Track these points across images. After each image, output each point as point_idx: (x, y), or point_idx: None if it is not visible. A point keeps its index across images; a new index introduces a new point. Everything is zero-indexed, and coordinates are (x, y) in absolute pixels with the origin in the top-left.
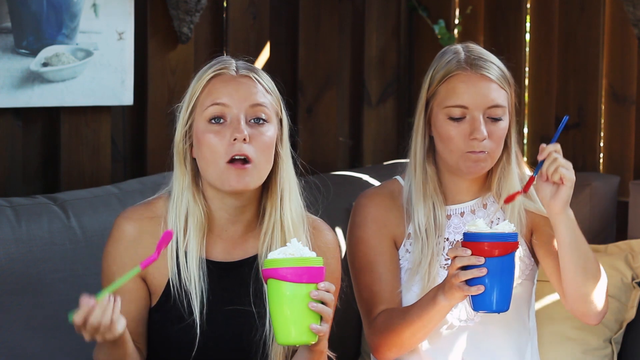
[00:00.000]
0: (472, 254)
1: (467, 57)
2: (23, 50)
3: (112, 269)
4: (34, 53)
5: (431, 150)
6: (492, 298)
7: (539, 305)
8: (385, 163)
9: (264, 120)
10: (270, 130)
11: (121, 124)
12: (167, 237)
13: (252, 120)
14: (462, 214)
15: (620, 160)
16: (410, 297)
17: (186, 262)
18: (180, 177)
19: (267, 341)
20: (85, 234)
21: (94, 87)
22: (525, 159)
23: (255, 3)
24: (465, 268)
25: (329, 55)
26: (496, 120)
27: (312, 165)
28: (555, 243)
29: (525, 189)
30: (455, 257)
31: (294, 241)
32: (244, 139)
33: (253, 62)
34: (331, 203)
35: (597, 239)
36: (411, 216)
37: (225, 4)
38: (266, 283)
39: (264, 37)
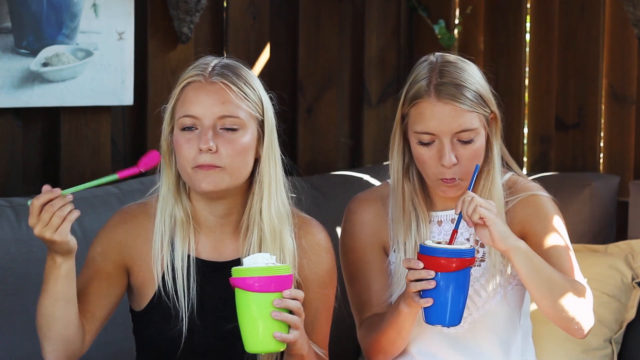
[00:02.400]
0: (424, 267)
1: (436, 82)
2: (23, 50)
3: (96, 250)
4: (34, 53)
5: (412, 163)
6: (445, 312)
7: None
8: (385, 163)
9: (235, 129)
10: (244, 137)
11: (121, 124)
12: (153, 157)
13: (223, 128)
14: (452, 220)
15: (620, 160)
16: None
17: (172, 259)
18: (166, 177)
19: None
20: (85, 234)
21: (94, 87)
22: (525, 159)
23: (255, 3)
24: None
25: (329, 55)
26: (467, 142)
27: (312, 165)
28: (543, 246)
29: (451, 241)
30: (409, 268)
31: (263, 253)
32: (209, 149)
33: (253, 62)
34: (331, 203)
35: (597, 239)
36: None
37: (225, 4)
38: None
39: (264, 37)
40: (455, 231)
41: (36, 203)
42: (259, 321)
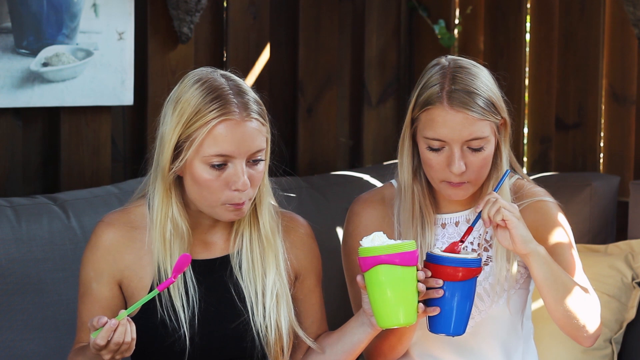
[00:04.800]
0: (431, 276)
1: (449, 89)
2: (23, 50)
3: (89, 275)
4: (34, 53)
5: (420, 165)
6: (450, 321)
7: (538, 305)
8: (385, 163)
9: (261, 160)
10: (262, 163)
11: (121, 124)
12: (184, 261)
13: (251, 160)
14: (457, 223)
15: (620, 160)
16: None
17: (166, 267)
18: (165, 197)
19: (256, 334)
20: (85, 234)
21: (94, 87)
22: (525, 159)
23: (255, 3)
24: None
25: (329, 55)
26: (477, 150)
27: (312, 165)
28: (550, 253)
29: (462, 239)
30: None
31: (379, 234)
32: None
33: (253, 62)
34: (331, 203)
35: (597, 239)
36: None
37: (225, 4)
38: (365, 271)
39: (264, 37)
40: (470, 228)
41: (100, 341)
42: (405, 295)
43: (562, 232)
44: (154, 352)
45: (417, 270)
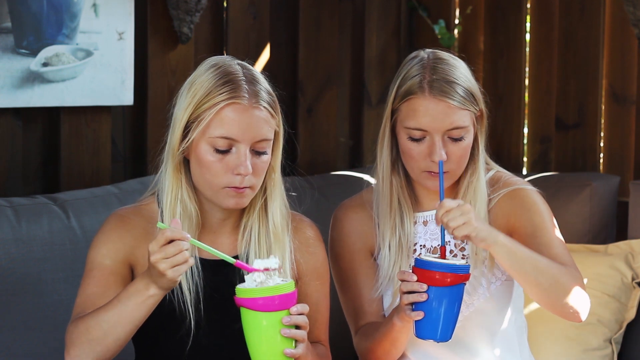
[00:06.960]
0: (417, 281)
1: (430, 79)
2: (23, 50)
3: (101, 253)
4: (34, 53)
5: (398, 158)
6: (437, 326)
7: (537, 305)
8: None
9: (266, 152)
10: (267, 155)
11: (121, 124)
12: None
13: (255, 150)
14: None
15: (620, 160)
16: (386, 302)
17: None
18: (175, 178)
19: None
20: (85, 234)
21: (94, 87)
22: (525, 159)
23: (255, 3)
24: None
25: (329, 55)
26: (457, 140)
27: (312, 165)
28: (532, 236)
29: (443, 257)
30: (403, 280)
31: (270, 258)
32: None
33: (253, 62)
34: (331, 203)
35: (597, 239)
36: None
37: (225, 4)
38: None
39: (264, 37)
40: (443, 247)
41: (169, 234)
42: (268, 339)
43: (540, 215)
44: (160, 337)
45: (291, 314)
